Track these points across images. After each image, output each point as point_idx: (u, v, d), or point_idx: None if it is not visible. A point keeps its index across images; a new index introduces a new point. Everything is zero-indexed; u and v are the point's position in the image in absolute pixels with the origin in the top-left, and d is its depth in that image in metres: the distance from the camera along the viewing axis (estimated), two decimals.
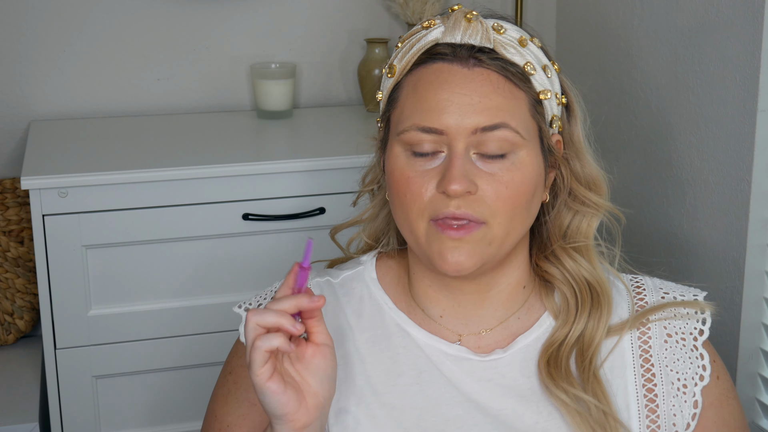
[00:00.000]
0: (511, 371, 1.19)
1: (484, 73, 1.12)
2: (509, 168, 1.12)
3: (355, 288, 1.25)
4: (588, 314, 1.19)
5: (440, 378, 1.19)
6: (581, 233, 1.22)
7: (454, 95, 1.11)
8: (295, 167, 1.96)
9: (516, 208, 1.12)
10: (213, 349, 1.98)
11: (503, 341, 1.21)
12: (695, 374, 1.20)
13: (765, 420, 1.77)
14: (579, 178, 1.21)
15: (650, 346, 1.21)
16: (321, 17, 2.39)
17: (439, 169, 1.11)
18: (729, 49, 1.75)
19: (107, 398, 1.98)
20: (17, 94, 2.27)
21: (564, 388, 1.16)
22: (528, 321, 1.22)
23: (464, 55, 1.13)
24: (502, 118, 1.11)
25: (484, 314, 1.21)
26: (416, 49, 1.15)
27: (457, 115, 1.10)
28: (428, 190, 1.11)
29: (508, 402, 1.18)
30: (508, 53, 1.14)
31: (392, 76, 1.18)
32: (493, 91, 1.12)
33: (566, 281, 1.21)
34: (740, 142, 1.74)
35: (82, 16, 2.27)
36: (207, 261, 1.97)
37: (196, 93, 2.36)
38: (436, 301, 1.22)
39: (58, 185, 1.86)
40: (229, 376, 1.25)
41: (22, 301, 2.17)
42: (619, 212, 1.24)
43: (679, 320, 1.22)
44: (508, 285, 1.21)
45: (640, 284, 1.26)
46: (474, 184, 1.10)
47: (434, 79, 1.13)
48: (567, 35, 2.40)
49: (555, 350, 1.19)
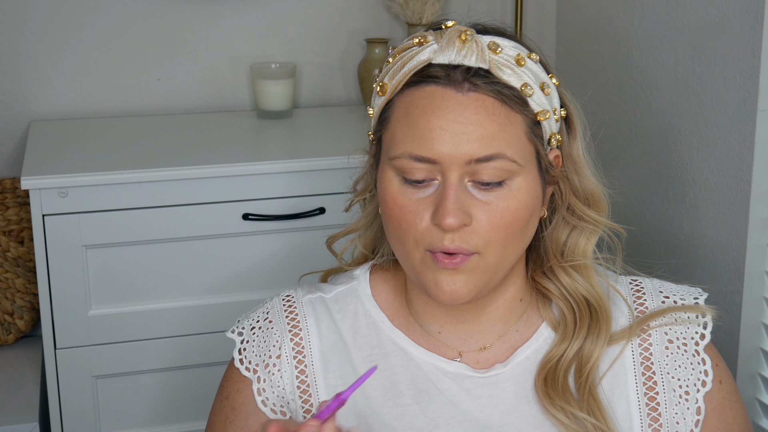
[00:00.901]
0: (512, 385, 1.18)
1: (479, 99, 1.08)
2: (505, 196, 1.09)
3: (349, 304, 1.23)
4: (587, 331, 1.17)
5: (439, 397, 1.17)
6: (579, 251, 1.19)
7: (448, 123, 1.07)
8: (295, 167, 1.96)
9: (509, 236, 1.10)
10: (213, 349, 1.98)
11: (502, 355, 1.19)
12: (697, 380, 1.19)
13: (765, 420, 1.77)
14: (578, 194, 1.18)
15: (651, 353, 1.19)
16: (321, 17, 2.39)
17: (432, 198, 1.09)
18: (729, 49, 1.75)
19: (107, 398, 1.98)
20: (17, 94, 2.27)
21: (561, 407, 1.14)
22: (527, 333, 1.20)
23: (458, 78, 1.08)
24: (498, 147, 1.07)
25: (483, 329, 1.20)
26: (408, 69, 1.11)
27: (451, 145, 1.06)
28: (423, 220, 1.09)
29: (509, 417, 1.16)
30: (504, 74, 1.09)
31: (383, 94, 1.13)
32: (488, 118, 1.07)
33: (563, 297, 1.19)
34: (740, 142, 1.74)
35: (82, 16, 2.27)
36: (207, 261, 1.97)
37: (196, 93, 2.36)
38: (434, 317, 1.20)
39: (58, 185, 1.86)
40: (225, 401, 1.22)
41: (22, 301, 2.17)
42: (620, 228, 1.21)
43: (680, 325, 1.20)
44: (506, 300, 1.19)
45: (640, 288, 1.24)
46: (468, 215, 1.07)
47: (427, 104, 1.08)
48: (567, 35, 2.40)
49: (552, 367, 1.17)
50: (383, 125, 1.14)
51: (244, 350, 1.22)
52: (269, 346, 1.21)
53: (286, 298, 1.26)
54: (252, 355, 1.22)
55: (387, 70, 1.14)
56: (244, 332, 1.24)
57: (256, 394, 1.20)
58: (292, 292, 1.26)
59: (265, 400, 1.20)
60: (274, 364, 1.21)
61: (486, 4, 2.45)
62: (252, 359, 1.22)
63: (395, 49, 1.15)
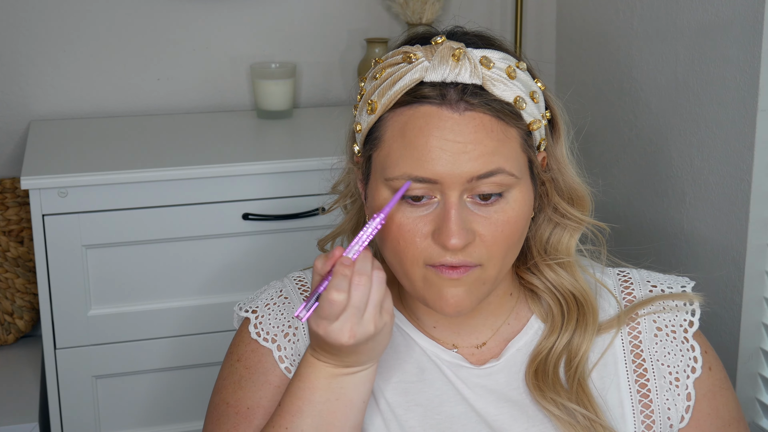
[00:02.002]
0: (505, 377, 1.20)
1: (477, 117, 1.08)
2: (503, 208, 1.10)
3: None
4: (575, 324, 1.19)
5: (441, 377, 1.20)
6: (562, 247, 1.20)
7: (447, 143, 1.07)
8: (295, 167, 1.96)
9: (509, 247, 1.11)
10: (213, 349, 1.98)
11: (496, 349, 1.22)
12: (687, 366, 1.20)
13: (765, 420, 1.77)
14: (561, 193, 1.19)
15: (641, 341, 1.21)
16: (321, 17, 2.39)
17: (432, 217, 1.09)
18: (729, 49, 1.75)
19: (107, 398, 1.98)
20: (17, 94, 2.27)
21: (552, 398, 1.16)
22: (517, 325, 1.23)
23: (453, 98, 1.08)
24: (497, 163, 1.08)
25: (476, 323, 1.22)
26: (399, 88, 1.10)
27: (451, 165, 1.07)
28: (422, 237, 1.09)
29: (502, 408, 1.18)
30: (497, 90, 1.09)
31: (373, 112, 1.13)
32: (486, 135, 1.08)
33: (550, 291, 1.21)
34: (740, 142, 1.74)
35: (82, 16, 2.27)
36: (207, 261, 1.97)
37: (196, 93, 2.36)
38: (427, 313, 1.22)
39: (57, 185, 1.86)
40: (237, 363, 1.23)
41: (22, 301, 2.17)
42: (603, 225, 1.23)
43: (668, 313, 1.22)
44: (497, 296, 1.21)
45: (627, 278, 1.26)
46: (472, 232, 1.08)
47: (423, 124, 1.08)
48: (567, 36, 2.40)
49: (542, 360, 1.19)
50: (374, 144, 1.13)
51: (260, 324, 1.24)
52: (288, 318, 1.24)
53: (297, 278, 1.29)
54: (270, 326, 1.23)
55: (374, 87, 1.13)
56: (258, 309, 1.25)
57: (279, 362, 1.21)
58: (300, 274, 1.29)
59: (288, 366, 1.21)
60: (293, 333, 1.23)
61: (486, 5, 2.45)
62: (270, 330, 1.23)
63: (380, 64, 1.15)
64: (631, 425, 1.18)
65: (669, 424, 1.19)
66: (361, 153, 1.17)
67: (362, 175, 1.18)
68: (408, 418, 1.18)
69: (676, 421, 1.19)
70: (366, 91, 1.15)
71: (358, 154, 1.18)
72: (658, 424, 1.18)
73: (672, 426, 1.19)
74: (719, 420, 1.21)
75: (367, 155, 1.15)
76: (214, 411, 1.22)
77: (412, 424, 1.18)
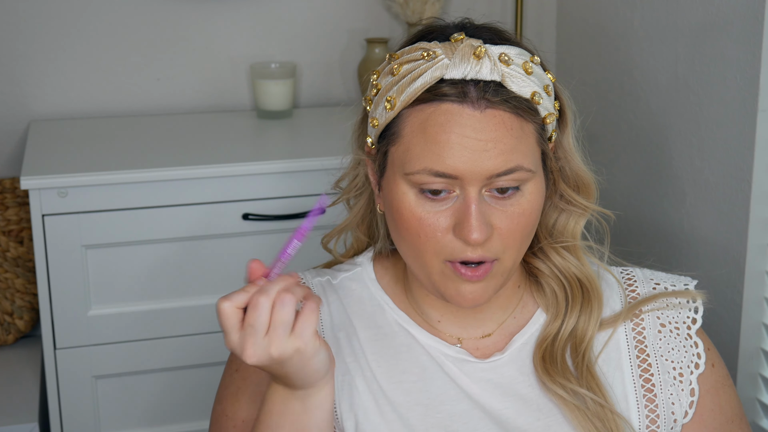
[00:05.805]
0: (510, 371, 1.20)
1: (497, 115, 1.09)
2: (519, 201, 1.11)
3: (354, 289, 1.26)
4: (579, 309, 1.21)
5: (443, 375, 1.20)
6: (568, 232, 1.22)
7: (468, 140, 1.08)
8: (295, 167, 1.96)
9: (524, 238, 1.13)
10: (213, 349, 1.98)
11: (501, 342, 1.22)
12: (690, 362, 1.22)
13: (765, 420, 1.77)
14: (567, 180, 1.21)
15: (645, 337, 1.22)
16: (321, 17, 2.39)
17: (452, 211, 1.10)
18: (729, 49, 1.75)
19: (107, 398, 1.98)
20: (17, 94, 2.27)
21: (561, 383, 1.17)
22: (523, 319, 1.23)
23: (474, 96, 1.09)
24: (516, 161, 1.09)
25: (483, 317, 1.22)
26: (420, 85, 1.11)
27: (471, 161, 1.08)
28: (443, 232, 1.11)
29: (508, 402, 1.19)
30: (515, 86, 1.11)
31: (392, 108, 1.13)
32: (506, 133, 1.09)
33: (554, 276, 1.22)
34: (740, 142, 1.74)
35: (81, 16, 2.27)
36: (207, 261, 1.97)
37: (196, 93, 2.36)
38: (434, 307, 1.22)
39: (57, 185, 1.86)
40: (236, 374, 1.24)
41: (21, 301, 2.17)
42: (608, 212, 1.24)
43: (672, 310, 1.23)
44: (505, 288, 1.22)
45: (630, 276, 1.27)
46: (491, 227, 1.10)
47: (444, 121, 1.09)
48: (567, 35, 2.40)
49: (549, 345, 1.20)
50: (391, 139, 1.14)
51: None
52: None
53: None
54: None
55: (392, 83, 1.14)
56: None
57: None
58: (301, 274, 1.29)
59: None
60: None
61: (486, 4, 2.45)
62: None
63: (397, 60, 1.15)
64: (636, 420, 1.19)
65: (673, 419, 1.20)
66: (375, 146, 1.18)
67: (377, 167, 1.18)
68: (409, 417, 1.18)
69: (680, 417, 1.20)
70: (382, 86, 1.16)
71: (372, 146, 1.18)
72: (662, 419, 1.19)
73: (676, 421, 1.20)
74: (722, 416, 1.22)
75: (384, 150, 1.16)
76: (216, 421, 1.24)
77: (413, 423, 1.18)
